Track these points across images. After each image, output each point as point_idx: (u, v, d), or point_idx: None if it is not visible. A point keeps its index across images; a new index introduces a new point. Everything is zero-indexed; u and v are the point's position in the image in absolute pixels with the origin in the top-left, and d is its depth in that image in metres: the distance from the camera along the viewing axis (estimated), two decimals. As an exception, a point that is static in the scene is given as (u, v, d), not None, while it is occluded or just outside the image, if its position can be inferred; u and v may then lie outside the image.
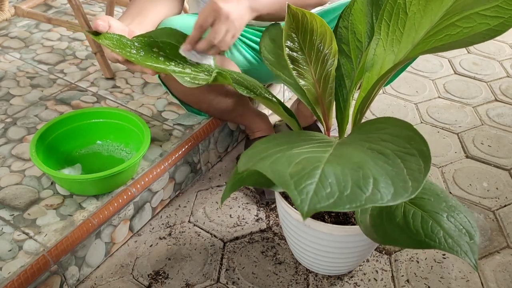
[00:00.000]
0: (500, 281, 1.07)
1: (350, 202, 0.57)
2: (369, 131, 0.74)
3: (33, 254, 0.94)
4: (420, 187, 0.59)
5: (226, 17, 0.86)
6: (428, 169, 0.61)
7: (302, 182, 0.59)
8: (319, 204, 0.57)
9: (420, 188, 0.59)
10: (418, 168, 0.61)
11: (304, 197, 0.57)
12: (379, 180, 0.60)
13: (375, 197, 0.58)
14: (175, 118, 1.31)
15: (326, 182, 0.59)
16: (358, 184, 0.59)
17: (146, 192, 1.13)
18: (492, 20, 0.66)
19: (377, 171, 0.61)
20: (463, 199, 1.28)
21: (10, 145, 1.21)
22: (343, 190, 0.59)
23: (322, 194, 0.58)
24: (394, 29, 0.79)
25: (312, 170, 0.61)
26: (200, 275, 1.06)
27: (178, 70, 0.87)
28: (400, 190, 0.59)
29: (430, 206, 0.77)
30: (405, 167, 0.62)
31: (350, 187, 0.59)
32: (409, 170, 0.62)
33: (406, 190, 0.59)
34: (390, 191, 0.59)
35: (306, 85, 0.91)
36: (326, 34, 0.88)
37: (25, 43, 1.67)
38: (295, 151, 0.67)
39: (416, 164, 0.62)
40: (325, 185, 0.59)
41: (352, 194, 0.58)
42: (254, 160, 0.67)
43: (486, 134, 1.52)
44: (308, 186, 0.59)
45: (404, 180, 0.60)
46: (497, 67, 1.87)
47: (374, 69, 0.84)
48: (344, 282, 1.06)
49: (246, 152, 0.72)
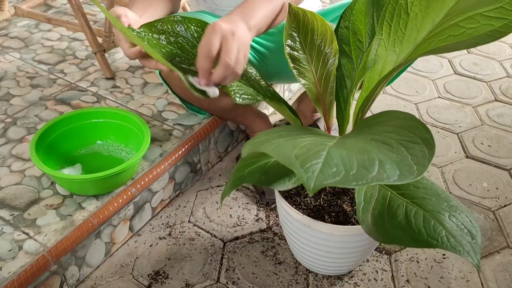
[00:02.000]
0: (500, 281, 1.07)
1: (356, 180, 0.57)
2: (371, 125, 0.74)
3: (33, 254, 0.94)
4: (424, 170, 0.59)
5: (232, 33, 0.77)
6: (433, 154, 0.61)
7: (308, 161, 0.59)
8: (326, 180, 0.57)
9: (424, 171, 0.59)
10: (422, 154, 0.61)
11: (310, 175, 0.57)
12: (385, 162, 0.60)
13: (381, 176, 0.58)
14: (175, 118, 1.31)
15: (332, 162, 0.59)
16: (364, 165, 0.59)
17: (146, 192, 1.13)
18: (496, 21, 0.66)
19: (382, 156, 0.61)
20: (463, 199, 1.28)
21: (10, 145, 1.21)
22: (349, 169, 0.58)
23: (328, 172, 0.58)
24: (395, 29, 0.80)
25: (318, 151, 0.61)
26: (200, 275, 1.06)
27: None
28: (406, 173, 0.59)
29: (431, 206, 0.77)
30: (409, 154, 0.62)
31: (356, 167, 0.59)
32: (413, 156, 0.61)
33: (412, 173, 0.59)
34: (396, 172, 0.59)
35: (307, 84, 0.91)
36: (326, 33, 0.88)
37: (25, 43, 1.67)
38: (299, 139, 0.67)
39: (420, 151, 0.62)
40: (331, 164, 0.59)
41: (358, 173, 0.58)
42: (258, 147, 0.67)
43: (486, 134, 1.52)
44: (314, 166, 0.59)
45: (409, 165, 0.60)
46: (497, 67, 1.87)
47: (375, 70, 0.84)
48: (344, 282, 1.06)
49: (249, 142, 0.72)
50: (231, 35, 0.77)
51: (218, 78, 0.78)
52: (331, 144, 0.65)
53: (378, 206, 0.80)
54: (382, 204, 0.80)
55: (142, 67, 1.53)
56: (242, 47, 0.79)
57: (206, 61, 0.77)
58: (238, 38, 0.78)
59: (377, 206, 0.80)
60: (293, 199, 0.99)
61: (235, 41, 0.77)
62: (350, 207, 0.97)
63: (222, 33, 0.77)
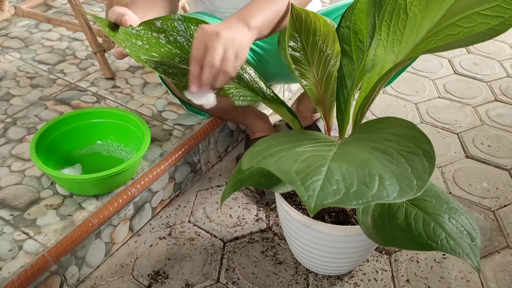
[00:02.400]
0: (500, 281, 1.07)
1: (356, 198, 0.58)
2: (371, 131, 0.74)
3: (33, 254, 0.94)
4: (425, 185, 0.59)
5: (216, 33, 0.77)
6: (433, 168, 0.62)
7: (309, 178, 0.59)
8: (326, 200, 0.57)
9: (425, 186, 0.59)
10: (422, 167, 0.62)
11: (311, 193, 0.58)
12: (385, 177, 0.60)
13: (381, 194, 0.58)
14: (175, 118, 1.31)
15: (333, 179, 0.60)
16: (364, 181, 0.59)
17: (146, 192, 1.13)
18: (492, 20, 0.66)
19: (382, 169, 0.62)
20: (463, 199, 1.28)
21: (10, 145, 1.21)
22: (349, 187, 0.59)
23: (329, 190, 0.58)
24: (394, 29, 0.79)
25: (318, 167, 0.62)
26: (200, 275, 1.06)
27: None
28: (406, 188, 0.59)
29: (431, 208, 0.77)
30: (410, 166, 0.62)
31: (356, 184, 0.59)
32: (413, 169, 0.62)
33: (412, 188, 0.59)
34: (396, 188, 0.59)
35: (308, 85, 0.91)
36: (329, 35, 0.88)
37: (25, 43, 1.67)
38: (299, 150, 0.68)
39: (420, 164, 0.62)
40: (331, 182, 0.59)
41: (359, 191, 0.58)
42: (258, 158, 0.67)
43: (486, 134, 1.52)
44: (315, 183, 0.59)
45: (409, 179, 0.60)
46: (497, 67, 1.87)
47: (375, 70, 0.84)
48: (344, 282, 1.06)
49: (249, 151, 0.72)
50: (214, 35, 0.77)
51: (206, 79, 0.77)
52: (331, 154, 0.66)
53: (378, 208, 0.80)
54: (382, 206, 0.80)
55: (142, 67, 1.53)
56: (230, 46, 0.78)
57: (193, 66, 0.78)
58: (224, 37, 0.78)
59: (377, 208, 0.80)
60: (293, 199, 0.99)
61: (220, 40, 0.77)
62: (350, 207, 0.97)
63: (205, 34, 0.77)
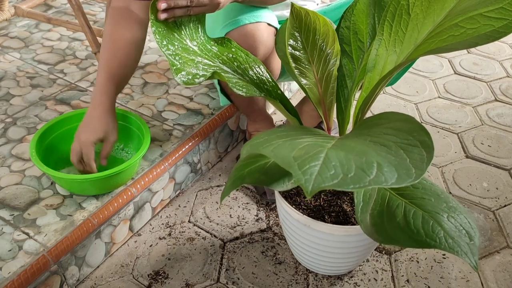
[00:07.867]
0: (500, 281, 1.07)
1: (354, 182, 0.57)
2: (370, 127, 0.74)
3: (33, 254, 0.94)
4: (422, 174, 0.59)
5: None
6: (431, 158, 0.61)
7: (306, 163, 0.59)
8: (324, 183, 0.57)
9: (423, 175, 0.59)
10: (420, 157, 0.62)
11: (308, 177, 0.57)
12: (383, 165, 0.60)
13: (379, 179, 0.58)
14: (175, 118, 1.31)
15: (330, 165, 0.59)
16: (362, 168, 0.59)
17: (146, 192, 1.13)
18: (496, 22, 0.66)
19: (380, 159, 0.61)
20: (463, 199, 1.28)
21: (10, 145, 1.21)
22: (347, 172, 0.59)
23: (326, 175, 0.58)
24: (396, 29, 0.80)
25: (316, 154, 0.62)
26: (200, 275, 1.06)
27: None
28: (404, 176, 0.59)
29: (430, 207, 0.77)
30: (408, 157, 0.62)
31: (354, 169, 0.59)
32: (412, 159, 0.62)
33: (410, 176, 0.59)
34: (394, 175, 0.59)
35: (308, 85, 0.91)
36: (329, 34, 0.88)
37: (25, 43, 1.67)
38: (298, 141, 0.68)
39: (418, 154, 0.62)
40: (329, 167, 0.59)
41: (356, 176, 0.58)
42: (257, 148, 0.67)
43: (486, 134, 1.52)
44: (312, 168, 0.59)
45: (407, 168, 0.60)
46: (497, 67, 1.87)
47: (376, 70, 0.84)
48: (344, 282, 1.06)
49: (248, 143, 0.72)
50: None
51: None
52: (329, 145, 0.66)
53: (377, 207, 0.80)
54: (381, 205, 0.80)
55: (142, 67, 1.53)
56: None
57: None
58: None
59: (376, 207, 0.80)
60: (293, 199, 0.99)
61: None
62: (350, 207, 0.97)
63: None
